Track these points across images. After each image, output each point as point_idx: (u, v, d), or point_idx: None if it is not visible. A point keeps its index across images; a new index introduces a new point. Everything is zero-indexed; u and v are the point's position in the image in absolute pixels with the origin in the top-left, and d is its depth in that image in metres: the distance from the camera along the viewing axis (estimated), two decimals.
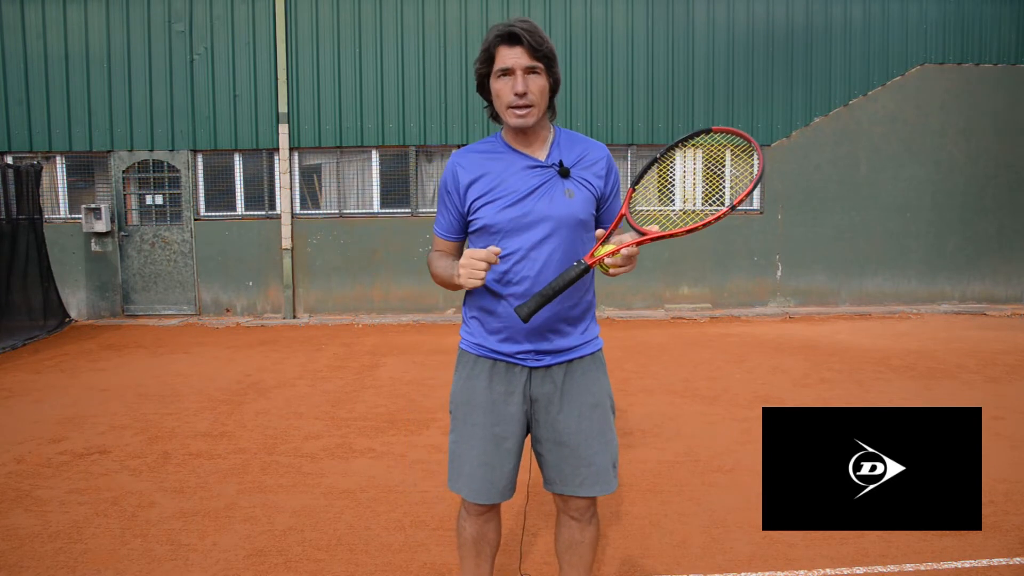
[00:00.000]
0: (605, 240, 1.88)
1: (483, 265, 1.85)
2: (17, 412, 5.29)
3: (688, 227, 1.82)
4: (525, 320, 1.83)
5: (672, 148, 2.02)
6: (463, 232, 2.09)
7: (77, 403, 5.50)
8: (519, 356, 2.05)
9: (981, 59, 10.24)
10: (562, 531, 2.21)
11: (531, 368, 2.06)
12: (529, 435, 2.16)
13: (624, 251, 1.81)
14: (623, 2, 9.79)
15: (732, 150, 1.96)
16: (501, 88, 1.94)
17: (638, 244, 1.82)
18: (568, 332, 2.06)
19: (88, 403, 5.50)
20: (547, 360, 2.05)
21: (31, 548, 3.09)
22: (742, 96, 9.98)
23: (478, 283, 1.86)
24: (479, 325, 2.09)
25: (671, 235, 1.84)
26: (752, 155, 1.77)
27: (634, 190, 1.98)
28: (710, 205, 1.98)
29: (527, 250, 1.96)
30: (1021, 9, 10.29)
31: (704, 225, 1.82)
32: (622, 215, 1.95)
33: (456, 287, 1.97)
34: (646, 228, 1.88)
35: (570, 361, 2.08)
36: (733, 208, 1.77)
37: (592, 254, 1.86)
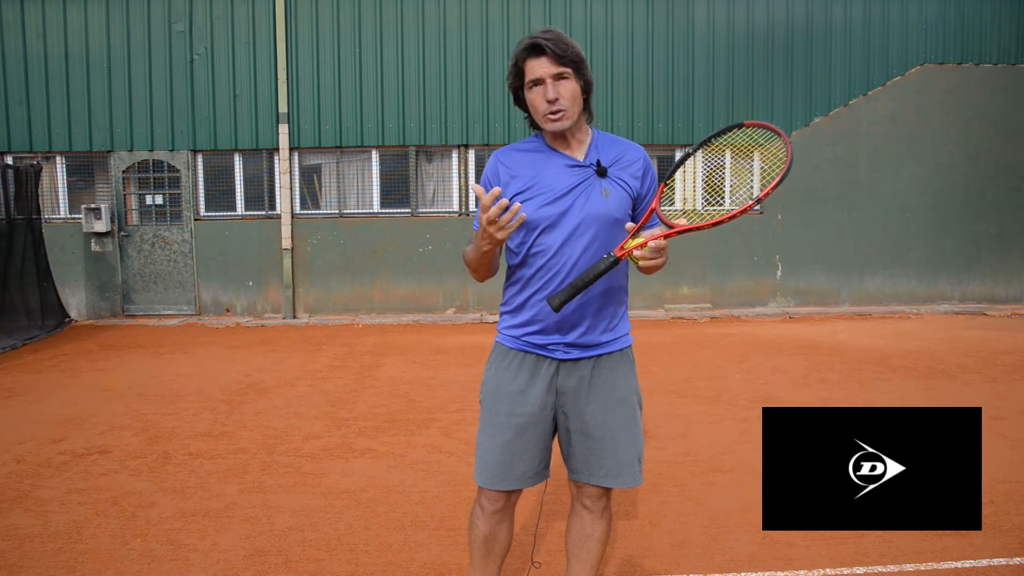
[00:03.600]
0: (635, 234, 1.92)
1: (491, 215, 1.82)
2: (17, 412, 5.29)
3: (715, 219, 1.88)
4: (556, 310, 1.91)
5: (705, 143, 2.06)
6: None
7: (77, 403, 5.50)
8: (549, 348, 2.10)
9: (981, 59, 10.24)
10: (574, 522, 2.24)
11: (560, 360, 2.11)
12: (556, 430, 2.19)
13: (652, 244, 1.85)
14: (623, 2, 9.78)
15: (761, 149, 2.00)
16: (535, 98, 2.01)
17: (666, 237, 1.87)
18: (598, 328, 2.10)
19: (88, 403, 5.50)
20: (575, 354, 2.10)
21: (31, 548, 3.09)
22: (742, 96, 9.98)
23: (506, 232, 1.85)
24: (512, 318, 2.16)
25: (698, 228, 1.90)
26: (781, 152, 1.81)
27: (666, 185, 2.05)
28: (736, 202, 2.10)
29: (561, 246, 2.02)
30: (1021, 9, 10.29)
31: (730, 217, 1.87)
32: (652, 209, 2.01)
33: (486, 257, 2.00)
34: (674, 222, 1.94)
35: (598, 356, 2.12)
36: (759, 201, 1.81)
37: (622, 247, 1.90)
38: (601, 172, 2.04)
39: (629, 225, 1.93)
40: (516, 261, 2.12)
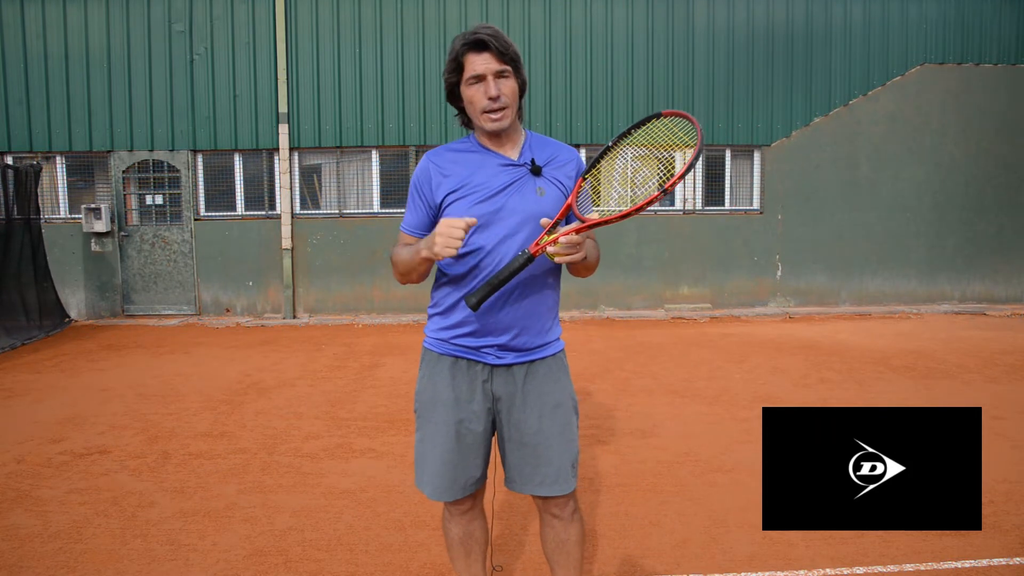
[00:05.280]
0: (551, 229, 1.93)
1: (460, 233, 1.82)
2: (17, 412, 5.29)
3: (622, 212, 1.88)
4: (475, 308, 1.89)
5: (625, 134, 2.07)
6: (431, 229, 2.09)
7: (77, 403, 5.50)
8: (483, 351, 2.07)
9: (981, 59, 10.24)
10: (547, 531, 2.22)
11: (492, 366, 2.08)
12: (495, 433, 2.18)
13: (563, 239, 1.85)
14: (623, 2, 9.78)
15: (682, 146, 2.01)
16: (474, 94, 1.98)
17: (578, 232, 1.87)
18: (531, 330, 2.07)
19: (88, 403, 5.50)
20: (509, 358, 2.07)
21: (31, 548, 3.09)
22: (742, 96, 9.98)
23: (452, 252, 1.83)
24: (443, 319, 2.12)
25: (606, 221, 1.90)
26: (693, 141, 1.80)
27: (584, 179, 2.04)
28: (645, 194, 2.11)
29: (495, 244, 1.99)
30: (1021, 9, 10.29)
31: (637, 209, 1.87)
32: (569, 205, 2.01)
33: (422, 263, 1.97)
34: (586, 216, 1.95)
35: (531, 362, 2.10)
36: (665, 192, 1.82)
37: (537, 243, 1.90)
38: (535, 171, 2.02)
39: (544, 221, 1.92)
40: (448, 261, 2.06)
